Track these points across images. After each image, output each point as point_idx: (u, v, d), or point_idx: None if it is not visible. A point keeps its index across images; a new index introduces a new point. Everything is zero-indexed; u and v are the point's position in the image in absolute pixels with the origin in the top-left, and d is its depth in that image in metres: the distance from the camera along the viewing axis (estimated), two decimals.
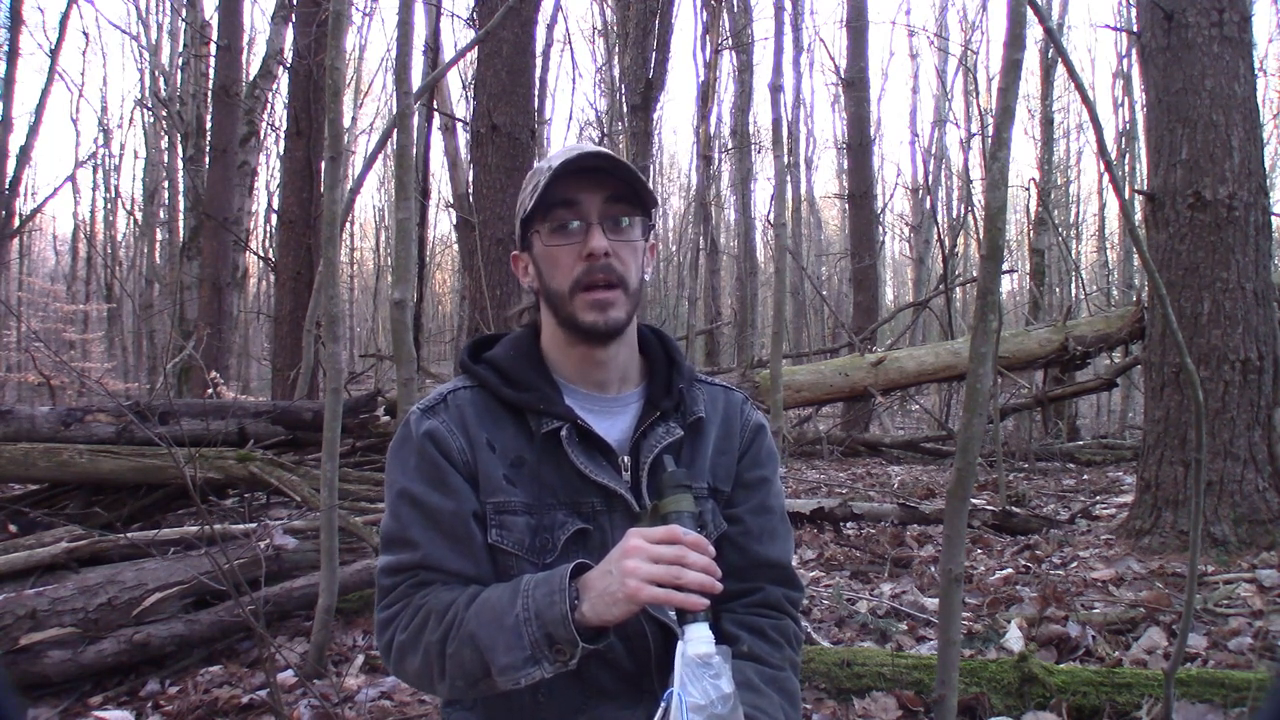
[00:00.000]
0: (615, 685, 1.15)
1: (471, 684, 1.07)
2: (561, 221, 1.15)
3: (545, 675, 1.03)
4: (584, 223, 1.14)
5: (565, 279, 1.15)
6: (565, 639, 1.00)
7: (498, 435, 1.18)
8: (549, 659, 1.01)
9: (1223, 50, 4.12)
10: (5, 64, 8.87)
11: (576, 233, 1.14)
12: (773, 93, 4.73)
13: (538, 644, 1.01)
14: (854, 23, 13.79)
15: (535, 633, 1.01)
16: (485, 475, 1.16)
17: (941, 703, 1.73)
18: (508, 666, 1.02)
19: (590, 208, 1.14)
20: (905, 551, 4.44)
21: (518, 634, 1.02)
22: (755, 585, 1.25)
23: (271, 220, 15.60)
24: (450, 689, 1.09)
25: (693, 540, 1.01)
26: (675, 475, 1.09)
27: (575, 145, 1.20)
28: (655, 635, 1.15)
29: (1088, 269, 22.62)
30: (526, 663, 1.02)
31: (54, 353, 11.47)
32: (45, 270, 25.27)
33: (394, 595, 1.14)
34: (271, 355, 9.76)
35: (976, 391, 1.74)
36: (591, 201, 1.14)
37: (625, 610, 0.99)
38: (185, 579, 3.01)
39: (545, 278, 1.18)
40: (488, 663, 1.03)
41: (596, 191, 1.14)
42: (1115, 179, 3.19)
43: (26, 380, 13.96)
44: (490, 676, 1.04)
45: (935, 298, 11.66)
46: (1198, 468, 2.04)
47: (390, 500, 1.18)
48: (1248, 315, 4.03)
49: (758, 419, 1.31)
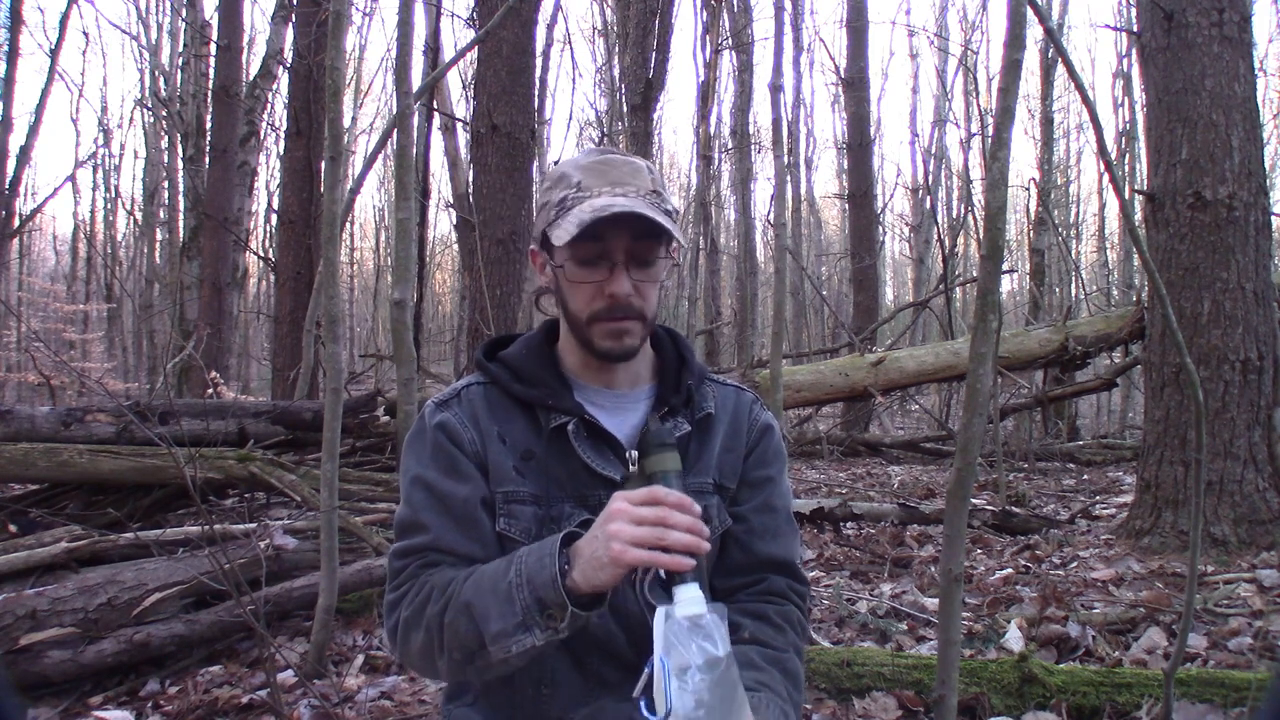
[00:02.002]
0: (618, 676, 1.16)
1: (468, 657, 1.06)
2: (587, 256, 1.15)
3: (537, 643, 1.02)
4: (609, 262, 1.15)
5: (584, 308, 1.17)
6: (555, 602, 1.00)
7: (508, 429, 1.20)
8: (540, 625, 1.02)
9: (1223, 50, 4.12)
10: (5, 64, 8.86)
11: (601, 269, 1.15)
12: (773, 93, 4.72)
13: (529, 609, 1.01)
14: (854, 23, 13.79)
15: (526, 598, 1.02)
16: (495, 465, 1.18)
17: (941, 703, 1.73)
18: (500, 633, 1.03)
19: (617, 245, 1.14)
20: (905, 551, 4.44)
21: (509, 600, 1.02)
22: (759, 577, 1.26)
23: (271, 220, 15.62)
24: (450, 666, 1.09)
25: (675, 500, 1.01)
26: (659, 434, 1.11)
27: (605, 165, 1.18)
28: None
29: (1088, 269, 22.62)
30: (518, 629, 1.02)
31: (54, 353, 11.48)
32: (45, 270, 25.27)
33: (403, 576, 1.15)
34: (271, 355, 9.76)
35: (976, 391, 1.74)
36: (620, 240, 1.14)
37: (612, 574, 0.99)
38: (185, 579, 3.01)
39: (565, 295, 1.20)
40: (481, 632, 1.04)
41: (626, 230, 1.14)
42: (1115, 179, 3.19)
43: (26, 380, 13.97)
44: (485, 647, 1.04)
45: (935, 298, 11.66)
46: (1198, 468, 2.04)
47: (404, 488, 1.20)
48: (1248, 315, 4.03)
49: (767, 419, 1.32)
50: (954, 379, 8.09)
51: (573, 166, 1.20)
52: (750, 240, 16.81)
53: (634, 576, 1.15)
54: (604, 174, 1.17)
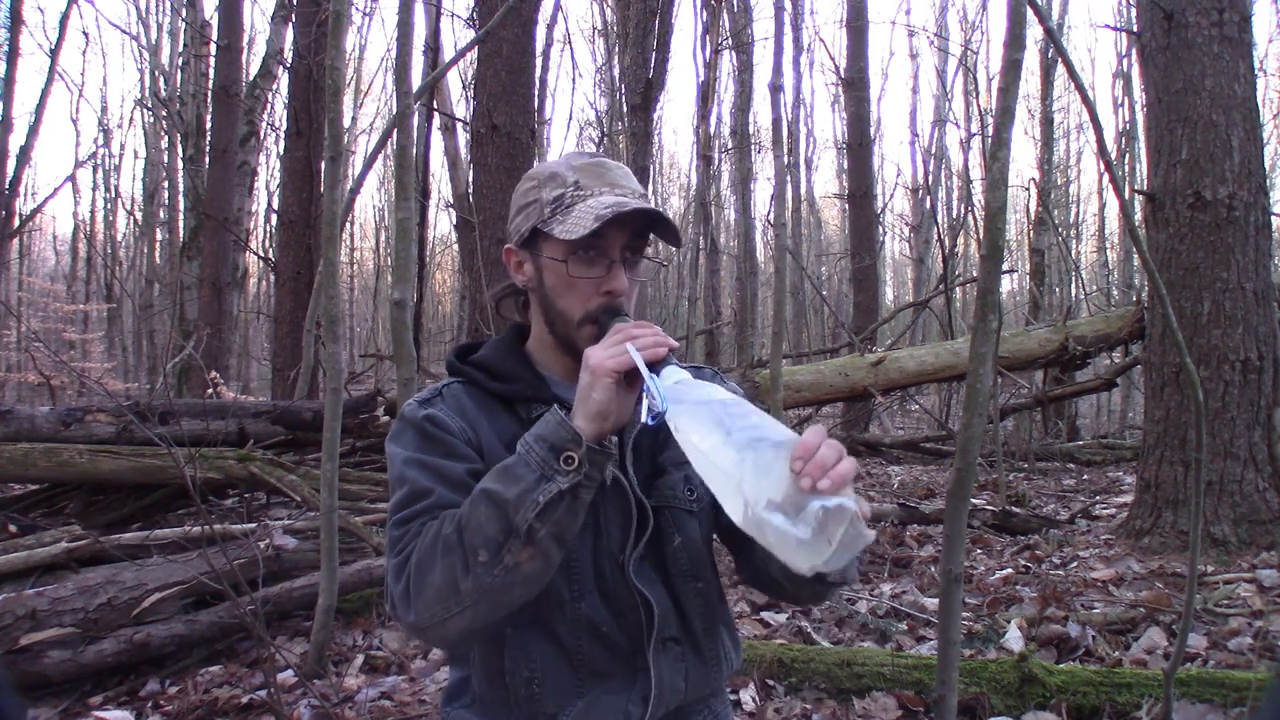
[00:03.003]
0: (609, 665, 1.15)
1: (495, 551, 1.01)
2: (586, 253, 1.16)
3: (562, 488, 1.01)
4: (607, 259, 1.17)
5: (577, 308, 1.17)
6: (568, 439, 1.02)
7: (493, 422, 1.20)
8: (561, 471, 1.01)
9: (1223, 50, 4.12)
10: (5, 64, 8.87)
11: (598, 266, 1.17)
12: (773, 93, 4.73)
13: (545, 461, 1.02)
14: (854, 23, 13.78)
15: (539, 452, 1.03)
16: (489, 447, 1.18)
17: (941, 703, 1.73)
18: (522, 494, 1.01)
19: (615, 244, 1.17)
20: (905, 551, 4.44)
21: (525, 464, 1.03)
22: None
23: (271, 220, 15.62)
24: (475, 587, 1.02)
25: (634, 323, 1.07)
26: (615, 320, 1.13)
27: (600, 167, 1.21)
28: (646, 608, 1.15)
29: (1088, 269, 22.62)
30: (539, 481, 1.01)
31: (54, 353, 11.48)
32: (45, 270, 25.28)
33: (406, 536, 1.10)
34: (271, 355, 9.75)
35: (976, 391, 1.74)
36: (616, 239, 1.16)
37: (605, 390, 1.03)
38: (185, 579, 3.01)
39: (553, 293, 1.20)
40: (504, 508, 1.01)
41: (621, 232, 1.16)
42: (1115, 179, 3.19)
43: (26, 380, 13.96)
44: (509, 523, 1.01)
45: (935, 298, 11.66)
46: (1198, 468, 2.04)
47: (396, 474, 1.16)
48: (1248, 315, 4.03)
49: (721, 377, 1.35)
50: (954, 379, 8.09)
51: (565, 167, 1.20)
52: (750, 240, 16.82)
53: (621, 557, 1.14)
54: (601, 175, 1.18)
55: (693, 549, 1.20)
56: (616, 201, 1.14)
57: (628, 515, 1.16)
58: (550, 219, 1.16)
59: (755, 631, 3.27)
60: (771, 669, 2.66)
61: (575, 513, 1.04)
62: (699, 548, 1.21)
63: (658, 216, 1.17)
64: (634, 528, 1.15)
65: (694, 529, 1.20)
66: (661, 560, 1.18)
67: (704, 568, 1.21)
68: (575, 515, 1.04)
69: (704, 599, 1.20)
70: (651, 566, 1.17)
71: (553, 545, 1.03)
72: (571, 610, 1.13)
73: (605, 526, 1.15)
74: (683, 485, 1.20)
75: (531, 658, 1.14)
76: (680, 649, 1.17)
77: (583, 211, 1.13)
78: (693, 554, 1.19)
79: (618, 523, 1.16)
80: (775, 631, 3.29)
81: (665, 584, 1.17)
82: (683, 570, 1.18)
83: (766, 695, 2.60)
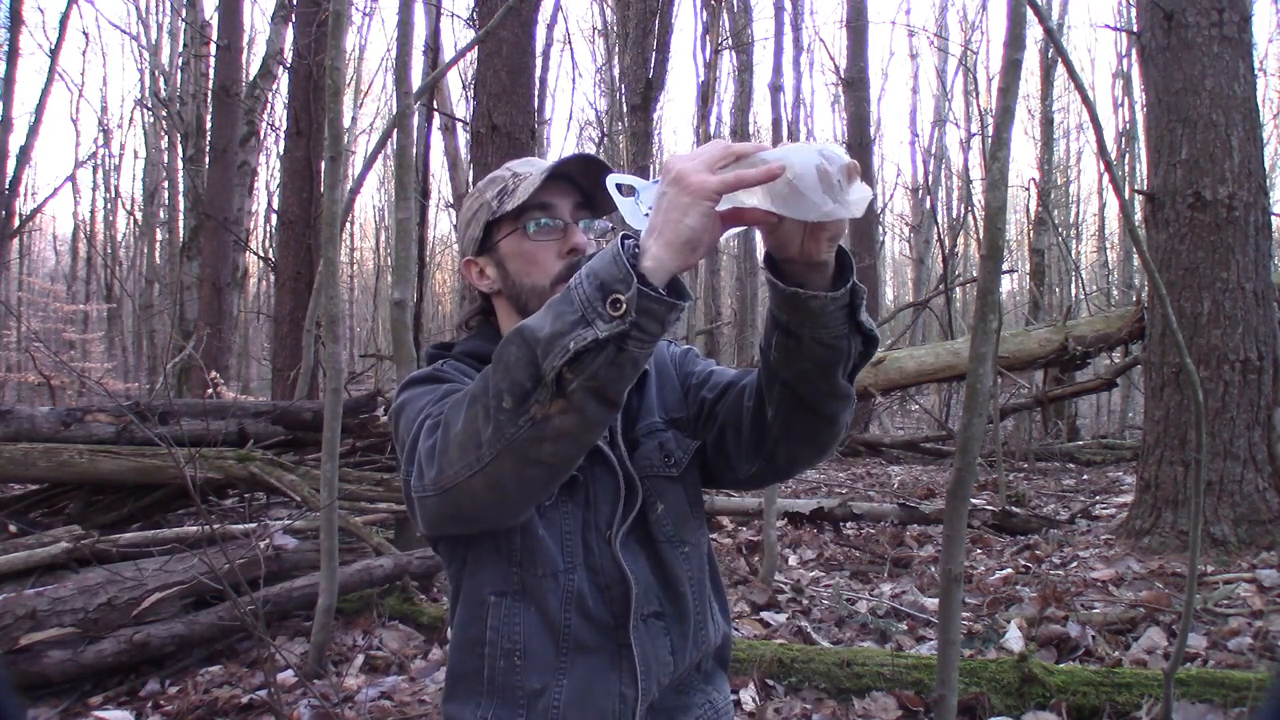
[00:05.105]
0: (594, 639, 1.13)
1: (520, 401, 0.91)
2: (541, 220, 1.20)
3: (599, 336, 0.87)
4: (561, 221, 1.21)
5: (544, 275, 1.19)
6: (618, 279, 0.87)
7: None
8: (604, 316, 0.87)
9: (1222, 50, 4.12)
10: (5, 64, 8.86)
11: (556, 231, 1.21)
12: (773, 93, 4.73)
13: (589, 301, 0.88)
14: (854, 23, 13.79)
15: (587, 289, 0.89)
16: None
17: (941, 703, 1.73)
18: (554, 336, 0.88)
19: (563, 207, 1.21)
20: (905, 551, 4.44)
21: (567, 300, 0.90)
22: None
23: (271, 220, 15.60)
24: (495, 432, 0.93)
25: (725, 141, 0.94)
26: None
27: (537, 159, 1.28)
28: (631, 582, 1.15)
29: (1088, 269, 22.61)
30: (576, 324, 0.88)
31: (54, 353, 11.48)
32: (45, 270, 25.27)
33: (433, 422, 1.04)
34: (271, 355, 9.76)
35: (976, 391, 1.74)
36: (564, 205, 1.21)
37: (700, 216, 0.88)
38: (185, 579, 3.01)
39: (518, 275, 1.22)
40: (532, 350, 0.90)
41: (568, 197, 1.21)
42: (1115, 179, 3.19)
43: (26, 380, 13.96)
44: (537, 368, 0.89)
45: (935, 298, 11.67)
46: (1198, 468, 2.04)
47: (408, 420, 1.10)
48: (1248, 315, 4.03)
49: (680, 347, 1.37)
50: (954, 379, 8.09)
51: (502, 170, 1.27)
52: (750, 240, 16.81)
53: (608, 533, 1.13)
54: (536, 163, 1.24)
55: (677, 513, 1.20)
56: (555, 163, 1.19)
57: (616, 490, 1.16)
58: (499, 209, 1.21)
59: (755, 631, 3.27)
60: (771, 669, 2.66)
61: (620, 367, 0.89)
62: (683, 510, 1.21)
63: (594, 161, 1.19)
64: (622, 503, 1.16)
65: (675, 493, 1.21)
66: (647, 530, 1.18)
67: (689, 530, 1.22)
68: (620, 371, 0.90)
69: (692, 562, 1.20)
70: (637, 540, 1.17)
71: (590, 401, 0.90)
72: (565, 581, 1.12)
73: (595, 501, 1.15)
74: (658, 453, 1.20)
75: (515, 629, 1.12)
76: (662, 623, 1.16)
77: (526, 185, 1.18)
78: (677, 518, 1.20)
79: (607, 498, 1.16)
80: (775, 631, 3.29)
81: (651, 554, 1.17)
82: (669, 537, 1.18)
83: (766, 695, 2.60)
